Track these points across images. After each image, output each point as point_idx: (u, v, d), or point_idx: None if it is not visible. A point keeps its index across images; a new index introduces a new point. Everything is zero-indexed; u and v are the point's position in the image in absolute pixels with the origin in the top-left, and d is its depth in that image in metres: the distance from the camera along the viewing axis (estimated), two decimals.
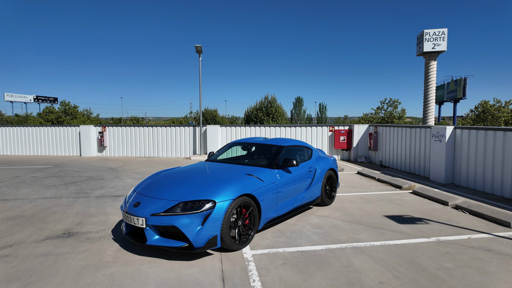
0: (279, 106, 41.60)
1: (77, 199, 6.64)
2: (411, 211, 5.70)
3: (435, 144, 8.30)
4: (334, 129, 13.12)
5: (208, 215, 3.66)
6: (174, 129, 14.35)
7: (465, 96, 37.13)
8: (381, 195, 7.00)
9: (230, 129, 13.96)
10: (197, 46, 12.90)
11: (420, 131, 9.34)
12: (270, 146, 5.54)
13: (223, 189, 3.92)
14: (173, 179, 4.44)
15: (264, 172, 4.64)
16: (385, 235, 4.52)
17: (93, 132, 14.70)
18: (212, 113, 51.87)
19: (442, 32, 24.62)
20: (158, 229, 3.76)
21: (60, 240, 4.38)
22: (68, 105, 43.10)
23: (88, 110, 50.30)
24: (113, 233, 4.63)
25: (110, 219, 5.31)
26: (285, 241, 4.29)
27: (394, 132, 10.79)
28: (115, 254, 3.91)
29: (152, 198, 3.95)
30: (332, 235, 4.53)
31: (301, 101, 59.59)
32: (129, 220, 3.88)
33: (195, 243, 3.60)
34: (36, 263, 3.67)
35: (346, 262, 3.64)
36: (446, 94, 40.22)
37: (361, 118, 49.20)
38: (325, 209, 5.82)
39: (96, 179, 8.90)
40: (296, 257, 3.80)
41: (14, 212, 5.68)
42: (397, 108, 43.60)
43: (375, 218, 5.30)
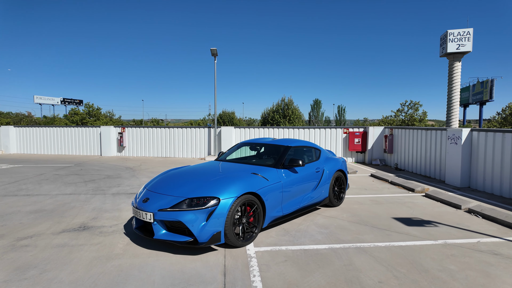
0: (295, 108, 41.48)
1: (94, 196, 6.95)
2: (421, 214, 5.62)
3: (451, 146, 8.10)
4: (348, 131, 13.00)
5: (213, 212, 3.79)
6: (190, 130, 14.67)
7: (492, 99, 35.72)
8: (392, 197, 6.91)
9: (244, 130, 14.12)
10: (213, 49, 13.16)
11: (435, 134, 9.13)
12: (277, 146, 5.62)
13: (227, 186, 4.04)
14: (181, 177, 4.61)
15: (269, 172, 4.73)
16: (390, 236, 4.50)
17: (113, 133, 15.25)
18: (229, 115, 52.37)
19: (467, 32, 23.71)
20: (165, 224, 3.92)
21: (76, 233, 4.64)
22: (92, 107, 44.76)
23: (110, 112, 52.05)
24: (125, 228, 4.85)
25: (123, 215, 5.55)
26: (289, 240, 4.35)
27: (409, 134, 10.59)
28: (125, 247, 4.10)
29: (160, 194, 4.12)
30: (336, 235, 4.55)
31: (319, 103, 59.11)
32: (139, 215, 4.07)
33: (199, 238, 3.74)
34: (52, 253, 3.91)
35: (347, 261, 3.66)
36: (471, 96, 38.83)
37: (380, 121, 48.23)
38: (332, 210, 5.83)
39: (114, 178, 9.26)
40: (298, 255, 3.86)
41: (36, 207, 6.04)
42: (418, 110, 42.46)
43: (382, 220, 5.26)
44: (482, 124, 41.35)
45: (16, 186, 7.96)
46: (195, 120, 67.50)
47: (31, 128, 16.22)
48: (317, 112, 59.04)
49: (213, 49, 13.17)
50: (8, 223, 5.07)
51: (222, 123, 48.30)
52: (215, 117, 14.26)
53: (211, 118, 63.09)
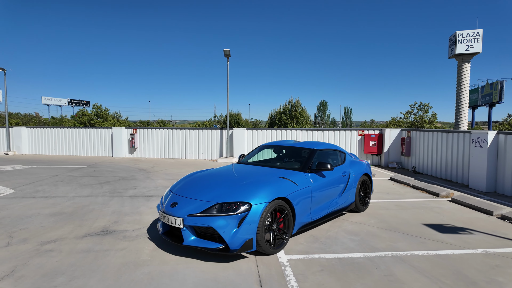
0: (303, 109, 41.27)
1: (112, 198, 6.85)
2: (452, 220, 5.40)
3: (476, 150, 7.86)
4: (363, 133, 12.78)
5: (244, 218, 3.64)
6: (202, 132, 14.57)
7: (501, 100, 35.18)
8: (417, 202, 6.70)
9: (256, 132, 13.98)
10: (226, 50, 13.05)
11: (458, 136, 8.88)
12: (302, 149, 5.46)
13: (258, 191, 3.89)
14: (208, 181, 4.47)
15: (298, 176, 4.57)
16: (425, 244, 4.30)
17: (125, 134, 15.21)
18: (235, 116, 52.28)
19: (477, 33, 23.37)
20: (195, 229, 3.78)
21: (99, 237, 4.52)
22: (100, 108, 45.02)
23: (117, 113, 52.33)
24: (148, 232, 4.73)
25: (144, 218, 5.43)
26: (320, 247, 4.18)
27: (429, 137, 10.35)
28: (151, 253, 3.97)
29: (188, 199, 3.99)
30: (369, 242, 4.37)
31: (325, 105, 58.80)
32: (166, 220, 3.93)
33: (231, 245, 3.59)
34: (79, 258, 3.80)
35: (387, 272, 3.48)
36: (480, 98, 38.26)
37: (389, 123, 47.73)
38: (359, 216, 5.64)
39: (128, 179, 9.17)
40: (333, 264, 3.69)
41: (56, 209, 5.95)
42: (427, 112, 41.94)
43: (413, 226, 5.06)
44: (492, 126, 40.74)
45: (32, 187, 7.90)
46: (202, 122, 67.64)
47: (43, 129, 16.26)
48: (323, 113, 58.72)
49: (226, 50, 13.06)
50: (30, 226, 4.98)
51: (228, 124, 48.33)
52: (227, 119, 14.14)
53: (217, 119, 63.15)
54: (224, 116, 54.13)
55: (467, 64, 24.03)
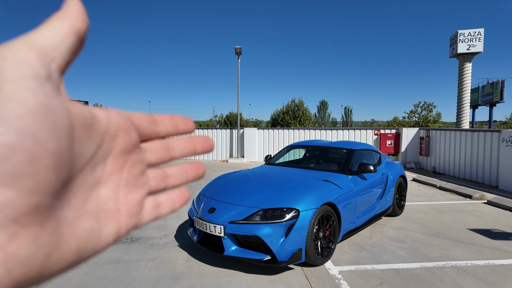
0: (306, 109, 40.99)
1: None
2: (498, 225, 5.06)
3: (507, 149, 7.52)
4: (380, 132, 12.44)
5: (292, 225, 3.29)
6: (211, 131, 14.21)
7: (502, 100, 34.88)
8: (451, 205, 6.35)
9: (267, 131, 13.63)
10: (237, 47, 12.69)
11: (485, 135, 8.55)
12: (338, 149, 5.12)
13: (304, 196, 3.54)
14: (244, 184, 4.11)
15: (340, 178, 4.22)
16: (482, 253, 3.95)
17: None
18: (236, 116, 52.03)
19: (478, 32, 23.02)
20: (237, 238, 3.43)
21: (125, 245, 4.16)
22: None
23: None
24: (177, 240, 4.37)
25: (168, 224, 5.07)
26: (369, 257, 3.83)
27: (451, 136, 10.01)
28: (186, 264, 3.62)
29: (227, 204, 3.63)
30: (419, 250, 4.02)
31: (325, 105, 58.56)
32: (203, 227, 3.57)
33: (279, 256, 3.24)
34: (108, 270, 3.44)
35: (454, 285, 3.14)
36: (481, 98, 37.88)
37: (392, 122, 47.51)
38: (397, 220, 5.30)
39: None
40: (390, 276, 3.34)
41: None
42: (431, 111, 41.77)
43: (459, 232, 4.72)
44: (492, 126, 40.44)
45: None
46: (204, 122, 67.31)
47: None
48: (323, 113, 58.49)
49: (238, 48, 12.69)
50: None
51: (229, 124, 48.01)
52: (238, 118, 13.79)
53: (217, 119, 62.91)
54: (225, 116, 53.87)
55: (468, 63, 23.72)
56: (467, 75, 24.24)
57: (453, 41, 24.13)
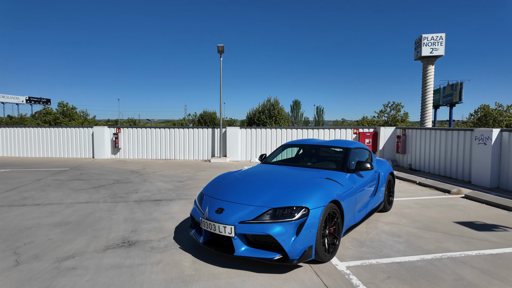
0: (281, 108, 41.43)
1: (116, 204, 6.23)
2: (479, 217, 5.43)
3: (479, 147, 8.07)
4: (358, 131, 12.87)
5: (303, 224, 3.33)
6: (193, 131, 13.96)
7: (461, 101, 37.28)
8: (433, 199, 6.72)
9: (250, 131, 13.62)
10: (219, 46, 12.56)
11: (458, 134, 9.11)
12: (334, 148, 5.23)
13: (312, 194, 3.59)
14: (249, 183, 4.09)
15: (340, 176, 4.32)
16: (472, 244, 4.22)
17: (107, 134, 14.23)
18: (211, 115, 51.35)
19: (440, 37, 24.57)
20: (247, 238, 3.41)
21: (124, 249, 4.00)
22: (66, 106, 42.30)
23: (84, 111, 49.62)
24: (177, 242, 4.26)
25: (165, 226, 4.93)
26: (371, 251, 3.96)
27: (426, 134, 10.56)
28: (193, 266, 3.54)
29: (236, 204, 3.60)
30: (416, 244, 4.21)
31: (298, 104, 59.51)
32: (212, 227, 3.52)
33: (291, 255, 3.26)
34: (112, 277, 3.29)
35: (456, 276, 3.33)
36: (442, 98, 40.23)
37: (361, 121, 49.20)
38: (387, 216, 5.51)
39: (124, 182, 8.48)
40: (395, 269, 3.47)
41: (57, 218, 5.27)
42: (400, 111, 43.76)
43: (447, 225, 5.00)
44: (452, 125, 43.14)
45: (17, 194, 7.03)
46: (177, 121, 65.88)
47: (12, 129, 14.81)
48: (296, 112, 59.43)
49: (220, 46, 12.57)
50: (35, 239, 4.32)
51: (203, 123, 47.41)
52: (220, 117, 13.65)
53: (191, 118, 61.85)
54: (199, 115, 53.00)
55: (431, 66, 25.31)
56: (430, 77, 25.81)
57: (418, 44, 25.52)
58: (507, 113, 39.51)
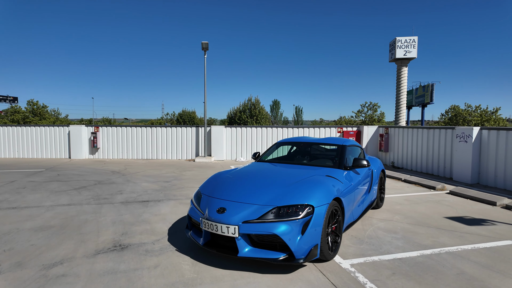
0: (262, 108, 41.55)
1: (101, 206, 5.92)
2: (467, 212, 5.60)
3: (460, 144, 8.37)
4: (342, 130, 13.04)
5: (308, 222, 3.26)
6: (176, 129, 13.61)
7: (432, 101, 38.90)
8: (421, 196, 6.88)
9: (236, 129, 13.46)
10: (204, 42, 12.31)
11: (440, 132, 9.42)
12: (330, 145, 5.22)
13: (315, 192, 3.53)
14: (249, 182, 3.97)
15: (339, 174, 4.30)
16: (466, 238, 4.33)
17: (85, 133, 13.61)
18: (190, 114, 50.76)
19: (413, 40, 25.57)
20: (251, 238, 3.30)
21: (116, 254, 3.76)
22: (37, 104, 40.27)
23: (56, 110, 47.51)
24: (172, 244, 4.08)
25: (156, 227, 4.72)
26: (371, 248, 3.96)
27: (408, 133, 10.85)
28: (194, 269, 3.39)
29: (238, 203, 3.47)
30: (413, 239, 4.26)
31: (278, 104, 59.95)
32: (213, 228, 3.37)
33: (297, 254, 3.18)
34: (107, 283, 3.07)
35: (457, 270, 3.37)
36: (414, 99, 41.77)
37: (338, 121, 50.20)
38: (380, 212, 5.57)
39: (107, 183, 8.10)
40: (398, 266, 3.48)
41: (38, 222, 4.91)
42: (376, 111, 45.01)
43: (438, 221, 5.11)
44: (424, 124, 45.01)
45: None
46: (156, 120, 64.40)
47: None
48: (276, 112, 59.83)
49: (204, 43, 12.32)
50: (16, 246, 3.99)
51: (181, 122, 46.67)
52: (205, 115, 13.40)
53: (169, 117, 60.65)
54: (178, 114, 52.05)
55: (405, 68, 26.34)
56: (404, 79, 26.84)
57: (392, 46, 26.40)
58: (476, 113, 41.63)
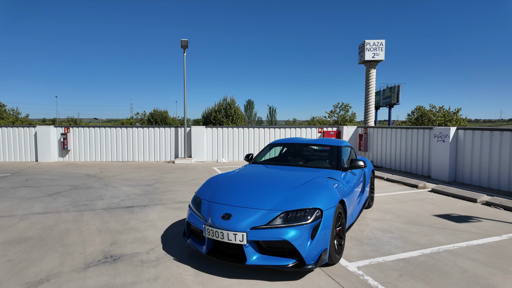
0: (238, 108, 41.40)
1: (82, 213, 5.50)
2: (452, 210, 5.80)
3: (438, 144, 8.73)
4: (323, 130, 13.21)
5: (318, 226, 3.18)
6: (153, 130, 13.10)
7: (398, 102, 40.69)
8: (406, 194, 7.07)
9: (217, 130, 13.20)
10: (183, 40, 11.94)
11: (418, 132, 9.78)
12: (325, 146, 5.19)
13: (321, 195, 3.46)
14: (250, 185, 3.82)
15: (338, 175, 4.27)
16: (458, 235, 4.46)
17: (54, 134, 12.73)
18: (162, 114, 49.47)
19: (381, 43, 26.71)
20: (259, 245, 3.16)
21: (109, 266, 3.47)
22: None
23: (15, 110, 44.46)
24: (168, 252, 3.84)
25: (147, 235, 4.44)
26: (373, 250, 3.96)
27: (387, 133, 11.18)
28: (198, 279, 3.19)
29: (244, 208, 3.31)
30: (410, 239, 4.32)
31: (252, 104, 60.09)
32: (218, 235, 3.19)
33: (307, 260, 3.09)
34: None
35: (459, 268, 3.44)
36: (382, 100, 43.44)
37: (311, 121, 51.15)
38: (372, 212, 5.63)
39: (83, 188, 7.59)
40: (403, 266, 3.49)
41: (12, 234, 4.45)
42: (348, 111, 46.35)
43: (428, 219, 5.25)
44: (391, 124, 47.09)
45: None
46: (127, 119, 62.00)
47: None
48: (250, 112, 59.92)
49: (184, 41, 11.95)
50: None
51: (153, 122, 45.34)
52: (184, 116, 13.01)
53: (139, 117, 58.72)
54: (149, 113, 50.46)
55: (373, 70, 27.49)
56: (373, 80, 27.99)
57: (362, 49, 27.35)
58: (439, 113, 44.13)
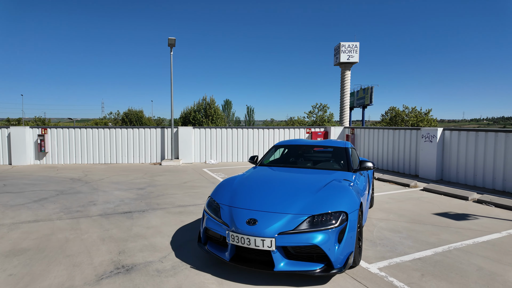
0: (217, 108, 41.03)
1: (77, 220, 5.18)
2: (449, 208, 6.02)
3: (426, 144, 9.06)
4: (311, 131, 13.34)
5: (344, 229, 3.17)
6: (138, 131, 12.66)
7: (372, 103, 42.15)
8: (401, 194, 7.26)
9: (205, 131, 12.96)
10: (171, 38, 11.60)
11: (405, 133, 10.10)
12: (333, 148, 5.21)
13: (343, 198, 3.46)
14: (271, 189, 3.74)
15: (351, 177, 4.29)
16: (462, 233, 4.62)
17: (29, 135, 11.97)
18: (137, 114, 48.05)
19: (355, 45, 27.61)
20: (286, 250, 3.10)
21: (123, 277, 3.28)
22: None
23: None
24: (183, 260, 3.69)
25: (156, 242, 4.25)
26: (388, 250, 4.01)
27: (374, 133, 11.47)
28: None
29: (269, 213, 3.24)
30: (420, 238, 4.43)
31: (230, 104, 59.89)
32: (244, 241, 3.10)
33: (335, 264, 3.07)
34: None
35: (475, 266, 3.56)
36: (356, 101, 44.78)
37: (289, 121, 51.75)
38: (375, 212, 5.73)
39: (71, 193, 7.17)
40: (422, 266, 3.56)
41: (4, 246, 4.11)
42: (326, 112, 47.25)
43: (430, 218, 5.41)
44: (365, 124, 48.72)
45: None
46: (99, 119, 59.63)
47: None
48: (228, 112, 59.68)
49: (171, 39, 11.62)
50: None
51: (128, 123, 43.99)
52: (171, 116, 12.66)
53: (113, 117, 56.68)
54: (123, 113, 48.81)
55: (348, 71, 28.41)
56: (347, 81, 28.90)
57: (337, 51, 28.07)
58: (412, 114, 46.06)
